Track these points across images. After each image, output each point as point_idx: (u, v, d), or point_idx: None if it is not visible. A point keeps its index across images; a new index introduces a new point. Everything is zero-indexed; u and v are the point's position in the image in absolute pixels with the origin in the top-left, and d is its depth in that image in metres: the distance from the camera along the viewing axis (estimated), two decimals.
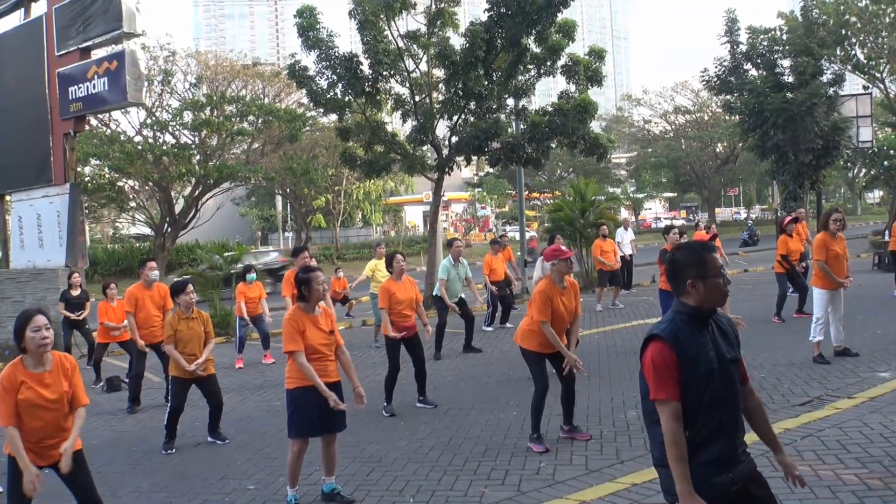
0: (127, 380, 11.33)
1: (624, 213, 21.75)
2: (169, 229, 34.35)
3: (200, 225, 35.39)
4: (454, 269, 13.44)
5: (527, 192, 43.01)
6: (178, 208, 35.21)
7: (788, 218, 14.62)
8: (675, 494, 3.46)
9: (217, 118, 32.13)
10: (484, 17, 18.65)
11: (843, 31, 30.61)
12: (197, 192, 34.21)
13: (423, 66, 20.18)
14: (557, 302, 7.40)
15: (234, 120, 32.98)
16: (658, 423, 3.50)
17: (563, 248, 7.79)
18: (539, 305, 7.39)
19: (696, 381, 3.41)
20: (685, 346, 3.45)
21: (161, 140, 33.46)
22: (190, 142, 34.04)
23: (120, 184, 34.05)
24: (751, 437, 3.65)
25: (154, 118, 33.25)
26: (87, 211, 31.31)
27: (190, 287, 8.78)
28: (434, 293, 14.03)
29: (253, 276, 14.09)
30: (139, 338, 10.37)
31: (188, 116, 32.55)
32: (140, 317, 10.43)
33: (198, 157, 33.30)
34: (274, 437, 8.48)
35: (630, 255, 20.37)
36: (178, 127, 33.43)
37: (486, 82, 18.83)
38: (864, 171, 60.87)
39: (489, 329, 15.49)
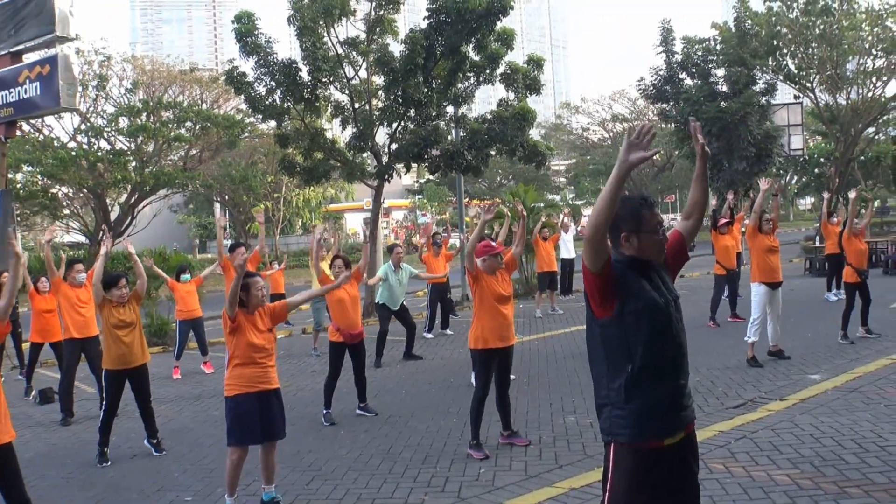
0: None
1: (564, 219, 21.75)
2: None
3: (137, 233, 34.65)
4: (395, 275, 13.15)
5: (467, 200, 43.04)
6: (113, 216, 34.54)
7: (723, 220, 14.77)
8: (611, 434, 3.49)
9: (153, 124, 31.63)
10: (423, 25, 18.71)
11: (775, 42, 31.31)
12: (133, 200, 33.62)
13: (363, 73, 20.14)
14: (493, 284, 7.53)
15: (170, 126, 32.45)
16: (596, 349, 3.56)
17: (494, 243, 7.81)
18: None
19: (636, 312, 3.43)
20: (627, 278, 3.46)
21: (96, 146, 32.76)
22: (126, 148, 33.41)
23: (53, 191, 33.28)
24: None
25: (88, 124, 32.57)
26: (18, 219, 30.52)
27: (123, 281, 8.31)
28: (376, 300, 13.90)
29: (187, 276, 13.62)
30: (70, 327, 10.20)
31: (124, 122, 31.96)
32: (66, 305, 10.21)
33: (134, 164, 32.69)
34: (212, 449, 8.36)
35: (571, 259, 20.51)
36: (113, 133, 32.80)
37: (425, 90, 18.86)
38: (795, 178, 62.44)
39: (429, 336, 15.43)
